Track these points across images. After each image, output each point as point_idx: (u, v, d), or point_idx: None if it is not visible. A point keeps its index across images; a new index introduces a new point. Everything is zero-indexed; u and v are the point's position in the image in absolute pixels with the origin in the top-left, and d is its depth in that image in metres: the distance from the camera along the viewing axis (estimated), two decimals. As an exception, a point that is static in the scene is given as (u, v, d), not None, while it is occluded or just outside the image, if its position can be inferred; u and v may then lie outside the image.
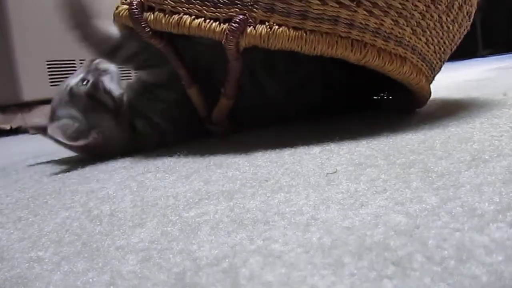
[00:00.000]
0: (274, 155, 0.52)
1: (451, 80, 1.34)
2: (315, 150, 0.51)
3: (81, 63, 1.68)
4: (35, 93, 1.55)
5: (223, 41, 0.54)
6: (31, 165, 0.71)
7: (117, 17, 0.64)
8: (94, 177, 0.54)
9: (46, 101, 1.60)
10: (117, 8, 0.65)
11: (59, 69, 1.61)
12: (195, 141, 0.70)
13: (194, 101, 0.68)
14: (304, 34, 0.53)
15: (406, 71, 0.58)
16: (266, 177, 0.42)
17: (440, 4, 0.58)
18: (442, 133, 0.51)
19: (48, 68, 1.58)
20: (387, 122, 0.65)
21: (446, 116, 0.62)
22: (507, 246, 0.22)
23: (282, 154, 0.52)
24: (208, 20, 0.55)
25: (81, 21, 0.63)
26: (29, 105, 1.57)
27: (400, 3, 0.55)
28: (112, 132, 0.65)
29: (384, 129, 0.57)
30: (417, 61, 0.59)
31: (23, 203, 0.46)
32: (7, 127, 1.52)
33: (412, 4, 0.56)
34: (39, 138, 1.21)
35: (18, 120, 1.55)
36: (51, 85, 1.59)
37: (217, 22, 0.55)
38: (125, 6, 0.62)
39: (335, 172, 0.40)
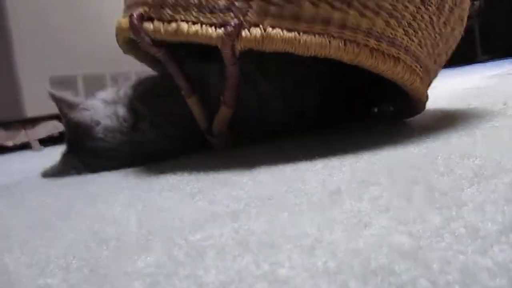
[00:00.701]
0: (277, 171, 0.52)
1: (450, 88, 1.35)
2: (318, 166, 0.52)
3: (83, 78, 1.69)
4: (38, 109, 1.56)
5: (219, 46, 0.55)
6: (35, 185, 0.71)
7: (119, 31, 0.66)
8: (100, 197, 0.55)
9: (49, 117, 1.62)
10: (118, 23, 0.66)
11: (62, 85, 1.63)
12: (197, 156, 0.71)
13: (194, 111, 0.69)
14: (298, 35, 0.54)
15: (399, 71, 0.58)
16: (269, 195, 0.43)
17: (430, 6, 0.59)
18: (444, 148, 0.51)
19: (51, 83, 1.59)
20: (388, 135, 0.65)
21: (447, 128, 0.63)
22: (510, 269, 0.23)
23: (285, 169, 0.53)
24: (204, 26, 0.56)
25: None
26: (32, 121, 1.58)
27: (390, 4, 0.56)
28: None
29: (385, 143, 0.57)
30: (411, 62, 0.60)
31: (29, 225, 0.46)
32: (10, 143, 1.53)
33: (402, 5, 0.57)
34: (42, 155, 1.22)
35: (21, 136, 1.56)
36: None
37: (213, 28, 0.56)
38: (126, 19, 0.63)
39: (338, 191, 0.41)
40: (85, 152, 0.73)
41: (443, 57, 0.66)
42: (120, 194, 0.54)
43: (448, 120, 0.74)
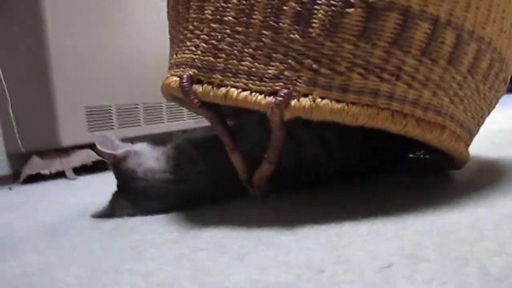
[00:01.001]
0: (321, 234, 0.53)
1: (482, 129, 1.33)
2: (362, 230, 0.52)
3: (117, 108, 1.74)
4: (73, 139, 1.61)
5: (268, 113, 0.57)
6: (81, 229, 0.73)
7: (166, 87, 0.68)
8: (146, 252, 0.56)
9: (83, 146, 1.66)
10: (166, 79, 0.69)
11: (96, 115, 1.68)
12: (236, 204, 0.72)
13: (236, 165, 0.71)
14: (346, 107, 0.55)
15: (445, 139, 0.59)
16: (320, 266, 0.44)
17: (476, 75, 0.59)
18: (490, 215, 0.52)
19: (86, 114, 1.65)
20: (428, 193, 0.66)
21: (488, 186, 0.63)
22: None
23: (329, 233, 0.53)
24: (254, 93, 0.58)
25: None
26: (67, 150, 1.63)
27: (438, 76, 0.57)
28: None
29: (427, 204, 0.58)
30: (455, 128, 0.61)
31: (83, 282, 0.48)
32: (47, 172, 1.58)
33: (450, 76, 0.58)
34: (77, 186, 1.26)
35: (56, 164, 1.60)
36: (89, 131, 1.65)
37: (263, 95, 0.57)
38: (175, 79, 0.65)
39: (389, 266, 0.41)
40: (130, 191, 0.77)
41: (485, 117, 0.66)
42: (167, 250, 0.56)
43: (487, 175, 0.74)
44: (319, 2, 0.54)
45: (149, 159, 0.77)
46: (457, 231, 0.48)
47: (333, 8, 0.53)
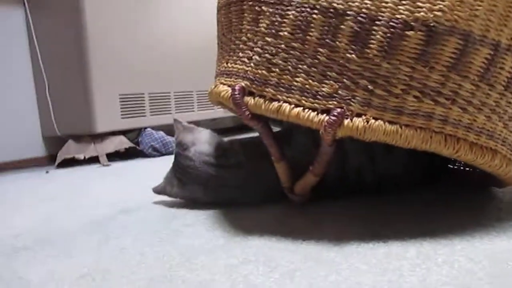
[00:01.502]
0: (370, 254, 0.54)
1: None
2: (411, 253, 0.53)
3: (149, 96, 1.77)
4: (107, 125, 1.65)
5: (320, 132, 0.57)
6: (129, 227, 0.76)
7: (216, 96, 0.69)
8: (196, 258, 0.58)
9: (116, 133, 1.70)
10: (216, 86, 0.70)
11: (130, 102, 1.71)
12: (273, 212, 0.74)
13: (280, 174, 0.72)
14: (399, 129, 0.55)
15: (496, 164, 0.59)
16: (372, 291, 0.45)
17: None
18: (541, 245, 0.52)
19: (120, 101, 1.68)
20: (472, 213, 0.66)
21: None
22: None
23: (377, 253, 0.54)
24: (306, 110, 0.58)
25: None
26: (101, 136, 1.67)
27: (494, 101, 0.56)
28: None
29: (473, 225, 0.58)
30: (507, 151, 0.60)
31: (140, 290, 0.51)
32: (81, 157, 1.62)
33: (506, 101, 0.57)
34: (113, 173, 1.29)
35: (90, 150, 1.64)
36: (122, 118, 1.68)
37: (315, 113, 0.58)
38: (226, 88, 0.66)
39: (443, 298, 0.42)
40: (179, 168, 0.83)
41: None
42: (216, 259, 0.57)
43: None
44: (378, 23, 0.54)
45: (203, 142, 0.82)
46: (509, 261, 0.48)
47: (392, 30, 0.53)
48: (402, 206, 0.73)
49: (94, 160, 1.64)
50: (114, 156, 1.69)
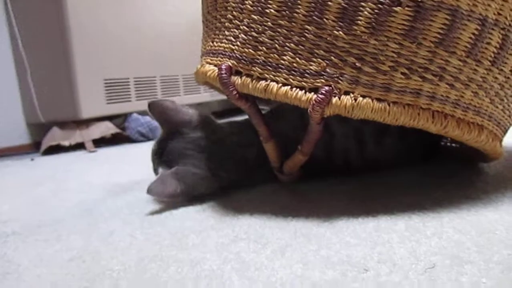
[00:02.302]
0: (359, 228, 0.55)
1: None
2: (400, 226, 0.54)
3: (135, 81, 1.74)
4: (93, 111, 1.63)
5: (309, 110, 0.57)
6: (116, 212, 0.75)
7: (202, 75, 0.68)
8: (186, 238, 0.58)
9: (102, 118, 1.68)
10: (202, 66, 0.69)
11: (115, 87, 1.68)
12: (268, 191, 0.74)
13: (269, 154, 0.72)
14: (387, 106, 0.55)
15: (483, 139, 0.59)
16: (363, 264, 0.45)
17: None
18: (526, 215, 0.53)
19: (105, 86, 1.65)
20: (459, 186, 0.67)
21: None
22: None
23: (367, 227, 0.55)
24: (294, 89, 0.58)
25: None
26: (86, 122, 1.65)
27: (481, 77, 0.56)
28: None
29: (460, 199, 0.59)
30: (493, 127, 0.61)
31: (131, 271, 0.50)
32: (66, 143, 1.60)
33: (493, 76, 0.57)
34: (98, 158, 1.28)
35: (76, 136, 1.62)
36: (107, 103, 1.66)
37: (303, 91, 0.57)
38: (213, 67, 0.65)
39: (433, 267, 0.43)
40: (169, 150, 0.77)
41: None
42: (207, 238, 0.58)
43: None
44: (366, -1, 0.53)
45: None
46: (496, 231, 0.49)
47: (379, 5, 0.52)
48: (390, 182, 0.73)
49: (80, 146, 1.62)
50: (100, 142, 1.67)
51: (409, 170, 0.78)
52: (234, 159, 0.76)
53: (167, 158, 0.75)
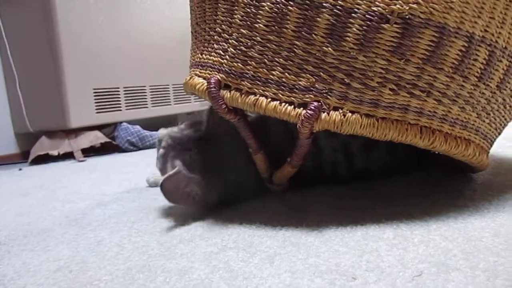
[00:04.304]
0: (348, 237, 0.55)
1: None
2: (388, 234, 0.54)
3: (125, 90, 1.74)
4: (82, 120, 1.62)
5: (298, 125, 0.57)
6: (105, 220, 0.75)
7: (191, 88, 0.68)
8: (175, 247, 0.58)
9: (91, 128, 1.67)
10: (191, 78, 0.69)
11: (104, 97, 1.68)
12: (255, 204, 0.73)
13: (258, 165, 0.72)
14: (376, 122, 0.55)
15: (470, 153, 0.60)
16: (350, 272, 0.45)
17: (505, 89, 0.60)
18: (512, 223, 0.53)
19: (95, 96, 1.64)
20: (447, 195, 0.67)
21: (505, 188, 0.65)
22: None
23: (355, 235, 0.55)
24: (283, 104, 0.58)
25: None
26: (75, 131, 1.63)
27: (468, 92, 0.57)
28: None
29: (448, 207, 0.60)
30: (480, 140, 0.62)
31: (119, 281, 0.50)
32: (55, 153, 1.59)
33: (480, 92, 0.58)
34: (87, 167, 1.27)
35: (65, 146, 1.61)
36: (97, 113, 1.66)
37: (292, 106, 0.57)
38: (202, 81, 0.65)
39: (420, 275, 0.43)
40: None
41: (507, 125, 0.67)
42: (196, 247, 0.57)
43: (506, 174, 0.75)
44: (354, 15, 0.53)
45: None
46: (483, 238, 0.50)
47: (368, 22, 0.53)
48: (378, 191, 0.74)
49: (69, 156, 1.61)
50: (90, 152, 1.66)
51: (398, 179, 0.79)
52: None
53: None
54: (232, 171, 0.72)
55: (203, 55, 0.67)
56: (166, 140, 0.73)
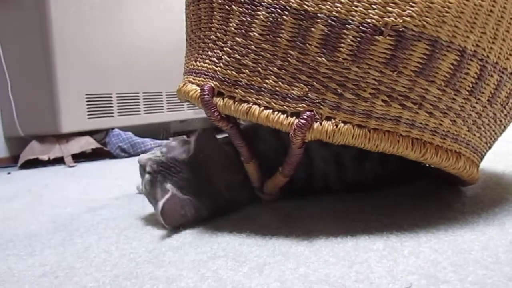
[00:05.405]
0: (338, 247, 0.55)
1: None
2: (378, 245, 0.54)
3: (117, 96, 1.73)
4: (73, 125, 1.61)
5: (290, 135, 0.57)
6: (90, 225, 0.74)
7: (184, 94, 0.68)
8: (163, 255, 0.57)
9: (83, 133, 1.66)
10: (185, 85, 0.69)
11: (97, 102, 1.67)
12: (245, 213, 0.73)
13: (249, 174, 0.72)
14: (368, 133, 0.56)
15: (460, 166, 0.60)
16: (340, 283, 0.45)
17: (496, 104, 0.61)
18: (502, 236, 0.54)
19: (87, 101, 1.64)
20: (437, 208, 0.68)
21: (495, 202, 0.65)
22: None
23: (345, 246, 0.55)
24: (276, 112, 0.58)
25: None
26: (66, 137, 1.62)
27: (459, 106, 0.57)
28: None
29: (438, 220, 0.60)
30: (470, 154, 0.62)
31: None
32: (45, 158, 1.57)
33: (471, 106, 0.58)
34: (77, 173, 1.26)
35: (56, 151, 1.60)
36: (88, 118, 1.65)
37: (285, 115, 0.57)
38: (195, 87, 0.65)
39: (409, 286, 0.43)
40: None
41: (497, 139, 0.68)
42: (185, 255, 0.57)
43: (495, 188, 0.76)
44: (348, 27, 0.54)
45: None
46: (472, 251, 0.50)
47: (362, 34, 0.53)
48: (369, 202, 0.74)
49: (59, 161, 1.60)
50: (80, 157, 1.64)
51: (389, 191, 0.79)
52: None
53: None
54: (223, 187, 0.71)
55: (197, 62, 0.67)
56: (150, 166, 0.70)
